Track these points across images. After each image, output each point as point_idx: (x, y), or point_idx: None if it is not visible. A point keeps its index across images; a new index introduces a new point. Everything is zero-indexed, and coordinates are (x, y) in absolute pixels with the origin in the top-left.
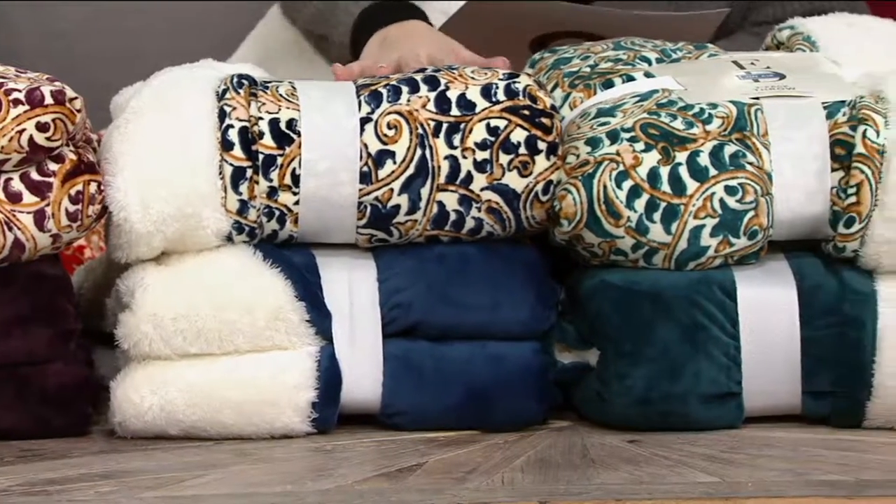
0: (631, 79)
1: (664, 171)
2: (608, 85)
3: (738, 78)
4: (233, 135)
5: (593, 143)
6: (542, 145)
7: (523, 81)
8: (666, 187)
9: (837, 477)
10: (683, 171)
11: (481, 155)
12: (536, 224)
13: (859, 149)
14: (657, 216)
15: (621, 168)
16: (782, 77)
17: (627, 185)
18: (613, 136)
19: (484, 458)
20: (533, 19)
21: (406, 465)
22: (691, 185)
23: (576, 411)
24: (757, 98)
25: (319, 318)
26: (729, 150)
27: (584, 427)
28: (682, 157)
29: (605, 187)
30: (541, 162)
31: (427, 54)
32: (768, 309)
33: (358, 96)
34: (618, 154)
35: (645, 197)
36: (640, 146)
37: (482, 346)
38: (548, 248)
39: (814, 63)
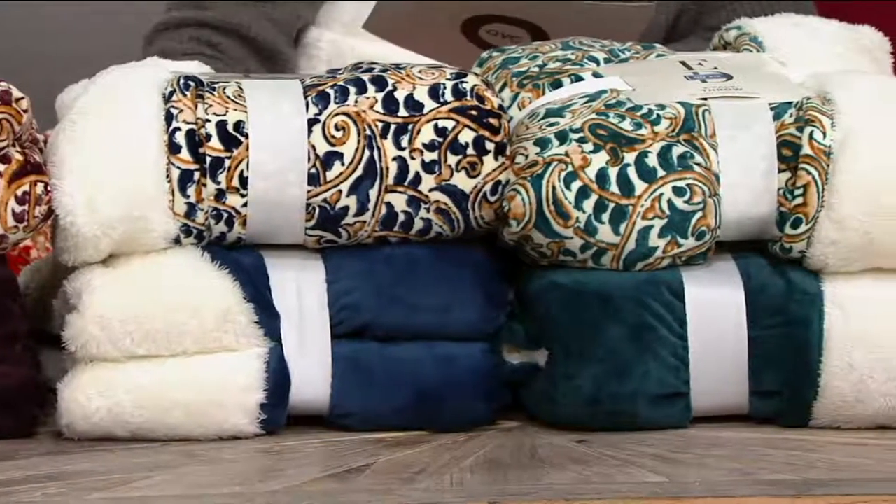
0: (579, 79)
1: (613, 172)
2: (556, 85)
3: (686, 78)
4: (180, 137)
5: (542, 143)
6: (490, 145)
7: (471, 81)
8: (614, 188)
9: (784, 476)
10: (632, 172)
11: (429, 156)
12: (485, 224)
13: (806, 150)
14: (606, 217)
15: (570, 169)
16: (729, 78)
17: (576, 185)
18: (562, 137)
19: (433, 459)
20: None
21: (355, 466)
22: (640, 185)
23: (524, 412)
24: (704, 99)
25: (268, 319)
26: (677, 150)
27: (533, 427)
28: (630, 157)
29: (553, 188)
30: (489, 162)
31: None
32: (716, 309)
33: (305, 97)
34: (566, 155)
35: (594, 198)
36: (588, 147)
37: (431, 346)
38: (497, 248)
39: (760, 63)
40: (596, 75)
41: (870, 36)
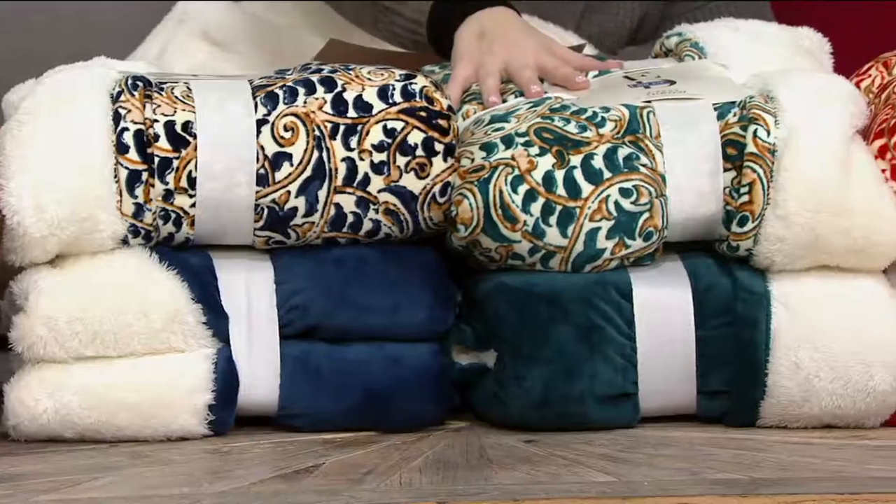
0: (522, 94)
1: (559, 175)
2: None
3: (630, 87)
4: (128, 138)
5: (488, 148)
6: (439, 147)
7: (420, 83)
8: (561, 191)
9: (732, 475)
10: (578, 175)
11: (378, 157)
12: (434, 225)
13: (751, 148)
14: (553, 220)
15: (516, 172)
16: (672, 83)
17: (523, 189)
18: (508, 141)
19: (381, 459)
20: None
21: (303, 467)
22: (586, 188)
23: (473, 412)
24: (648, 101)
25: (216, 320)
26: (622, 152)
27: (482, 427)
28: (576, 160)
29: (500, 192)
30: (438, 163)
31: (535, 62)
32: (664, 309)
33: (254, 98)
34: (513, 158)
35: (541, 201)
36: (534, 150)
37: (380, 347)
38: (446, 249)
39: (703, 68)
40: None
41: (810, 37)
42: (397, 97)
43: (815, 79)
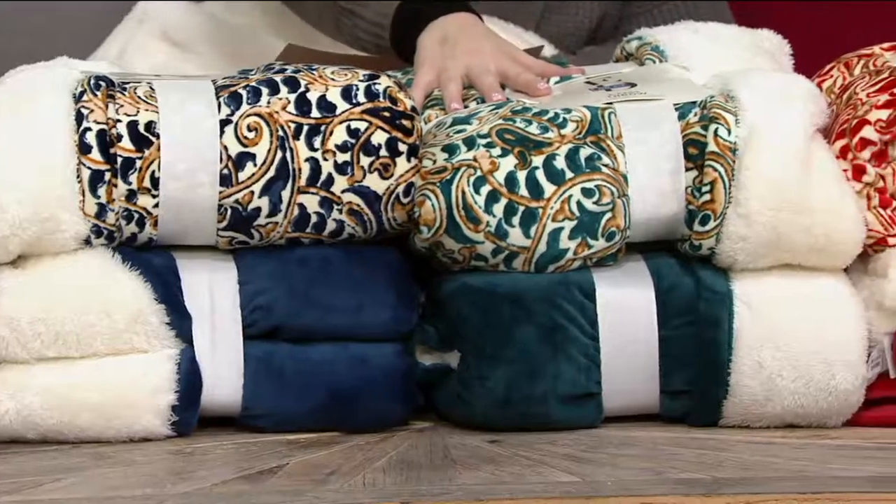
0: (483, 101)
1: (521, 176)
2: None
3: (591, 91)
4: (90, 138)
5: (450, 149)
6: (402, 147)
7: (384, 83)
8: (524, 191)
9: (695, 475)
10: (540, 175)
11: (342, 157)
12: (398, 226)
13: (712, 147)
14: (516, 220)
15: (479, 173)
16: (633, 85)
17: (485, 190)
18: (470, 143)
19: (345, 460)
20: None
21: (267, 468)
22: (548, 188)
23: (436, 412)
24: (610, 103)
25: (179, 320)
26: (584, 152)
27: (445, 428)
28: (538, 160)
29: (463, 193)
30: (402, 164)
31: (497, 68)
32: (627, 309)
33: (217, 98)
34: (475, 160)
35: (503, 201)
36: (496, 151)
37: (344, 347)
38: (409, 249)
39: (663, 71)
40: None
41: (770, 38)
42: (361, 97)
43: (776, 78)
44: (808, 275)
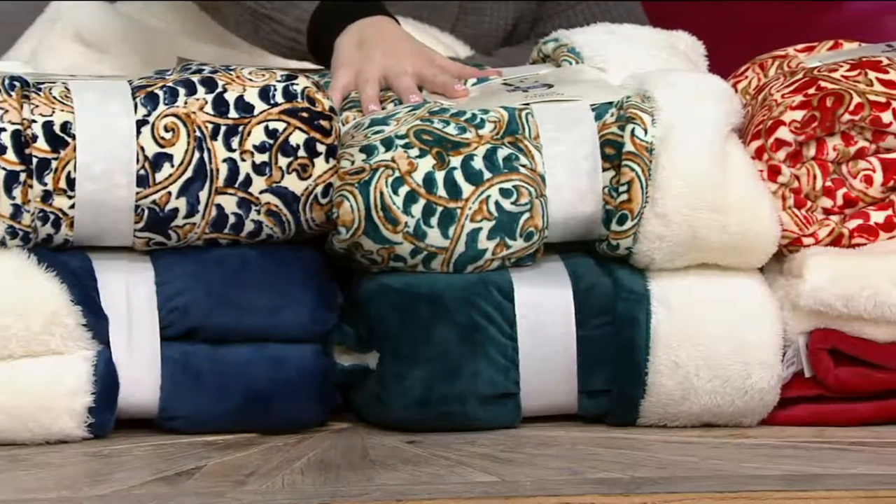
0: (400, 102)
1: (439, 176)
2: None
3: (508, 92)
4: (5, 138)
5: (368, 150)
6: (321, 148)
7: (302, 83)
8: (442, 192)
9: (614, 475)
10: (458, 176)
11: (260, 157)
12: (316, 227)
13: (629, 147)
14: (434, 221)
15: (397, 174)
16: (550, 86)
17: (404, 190)
18: (388, 144)
19: (264, 461)
20: None
21: (184, 469)
22: (466, 188)
23: (355, 413)
24: (527, 104)
25: (96, 322)
26: (502, 153)
27: (364, 428)
28: (456, 161)
29: (381, 194)
30: (320, 164)
31: (413, 70)
32: (545, 309)
33: (134, 98)
34: (393, 160)
35: (421, 202)
36: (414, 152)
37: (262, 348)
38: (327, 250)
39: (580, 72)
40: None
41: (684, 39)
42: (279, 98)
43: (691, 78)
44: (725, 275)
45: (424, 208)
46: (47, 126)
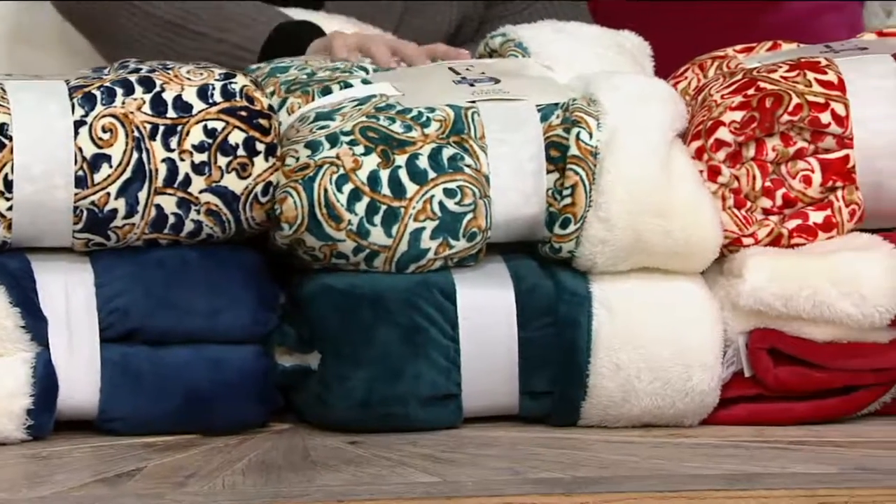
0: (349, 85)
1: (384, 175)
2: (326, 91)
3: (455, 83)
4: None
5: (313, 146)
6: (260, 146)
7: (240, 82)
8: (386, 190)
9: (555, 475)
10: (403, 174)
11: (199, 157)
12: (256, 226)
13: (573, 150)
14: (378, 219)
15: (341, 171)
16: (497, 81)
17: (348, 188)
18: (333, 140)
19: (204, 462)
20: None
21: (125, 471)
22: (411, 187)
23: (297, 413)
24: (473, 101)
25: (35, 323)
26: (447, 152)
27: (305, 429)
28: (401, 160)
29: (325, 191)
30: (259, 163)
31: (387, 42)
32: (487, 311)
33: (71, 98)
34: (338, 157)
35: (365, 200)
36: (359, 149)
37: (202, 349)
38: (269, 250)
39: (526, 67)
40: (365, 82)
41: (631, 39)
42: (217, 97)
43: (636, 82)
44: (667, 278)
45: (368, 206)
46: None
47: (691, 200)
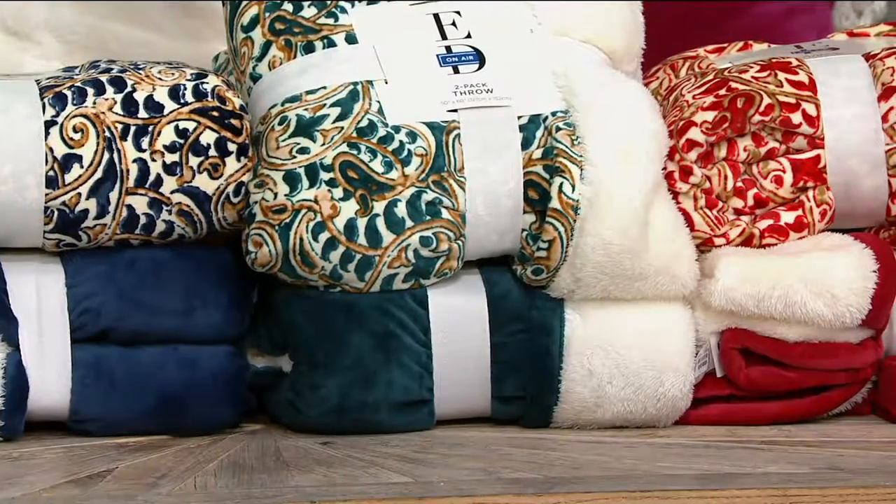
0: (332, 44)
1: (361, 224)
2: (309, 48)
3: (439, 64)
4: None
5: (292, 182)
6: (232, 147)
7: (212, 82)
8: (362, 240)
9: (527, 475)
10: (380, 223)
11: (171, 157)
12: (228, 226)
13: (554, 203)
14: (351, 266)
15: (319, 219)
16: (482, 62)
17: (324, 237)
18: (312, 176)
19: (176, 463)
20: None
21: (96, 472)
22: (387, 237)
23: (269, 415)
24: (455, 110)
25: (5, 324)
26: (426, 197)
27: (278, 430)
28: (379, 207)
29: (301, 239)
30: (231, 163)
31: None
32: (459, 316)
33: (42, 98)
34: (316, 202)
35: (341, 249)
36: (338, 193)
37: (174, 350)
38: (241, 250)
39: (518, 23)
40: (350, 39)
41: None
42: (189, 97)
43: (624, 128)
44: None
45: (343, 255)
46: None
47: (666, 258)
